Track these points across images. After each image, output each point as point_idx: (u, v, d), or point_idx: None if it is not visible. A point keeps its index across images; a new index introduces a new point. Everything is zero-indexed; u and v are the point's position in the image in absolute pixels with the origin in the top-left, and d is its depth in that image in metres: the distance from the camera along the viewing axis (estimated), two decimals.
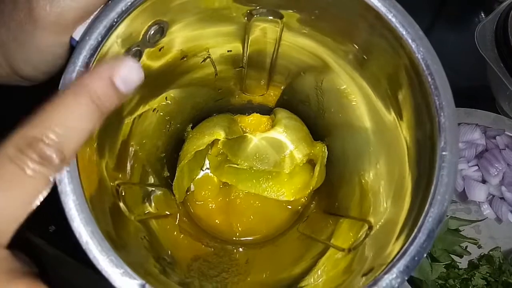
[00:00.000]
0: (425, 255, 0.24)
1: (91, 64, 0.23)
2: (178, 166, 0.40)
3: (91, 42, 0.23)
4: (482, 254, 0.55)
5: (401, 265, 0.23)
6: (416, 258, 0.23)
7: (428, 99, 0.24)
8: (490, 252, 0.55)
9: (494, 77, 0.55)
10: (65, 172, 0.21)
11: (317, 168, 0.41)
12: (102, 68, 0.20)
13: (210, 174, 0.46)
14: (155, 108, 0.34)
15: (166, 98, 0.35)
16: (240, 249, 0.41)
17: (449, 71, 0.67)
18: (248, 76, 0.37)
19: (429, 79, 0.24)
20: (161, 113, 0.35)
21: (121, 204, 0.27)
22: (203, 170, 0.46)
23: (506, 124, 0.56)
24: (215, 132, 0.41)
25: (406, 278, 0.23)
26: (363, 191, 0.33)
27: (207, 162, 0.46)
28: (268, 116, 0.46)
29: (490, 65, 0.53)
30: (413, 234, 0.24)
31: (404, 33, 0.24)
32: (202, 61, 0.34)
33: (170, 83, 0.33)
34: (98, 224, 0.22)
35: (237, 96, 0.42)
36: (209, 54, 0.33)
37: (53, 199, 0.21)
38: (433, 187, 0.24)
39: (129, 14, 0.23)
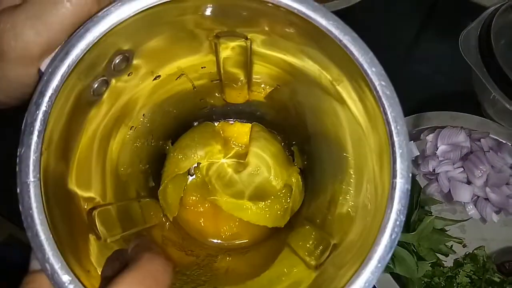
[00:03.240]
0: (375, 281, 0.23)
1: (53, 102, 0.23)
2: (160, 190, 0.41)
3: (53, 82, 0.23)
4: (467, 253, 0.55)
5: None
6: (366, 285, 0.23)
7: (382, 124, 0.24)
8: (475, 251, 0.55)
9: (478, 82, 0.55)
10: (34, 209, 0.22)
11: (290, 203, 0.42)
12: None
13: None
14: (132, 126, 0.34)
15: (143, 115, 0.35)
16: (222, 256, 0.41)
17: (437, 76, 0.67)
18: (227, 87, 0.37)
19: (384, 105, 0.24)
20: (140, 129, 0.35)
21: (95, 229, 0.28)
22: (191, 176, 0.46)
23: (490, 128, 0.56)
24: (196, 157, 0.42)
25: None
26: (335, 205, 0.33)
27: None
28: (249, 125, 0.46)
29: (474, 70, 0.52)
30: (365, 260, 0.23)
31: (359, 59, 0.24)
32: (177, 78, 0.34)
33: (145, 101, 0.33)
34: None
35: (221, 103, 0.42)
36: (183, 72, 0.33)
37: None
38: (385, 214, 0.23)
39: (90, 49, 0.23)
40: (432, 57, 0.63)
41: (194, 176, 0.46)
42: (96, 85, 0.26)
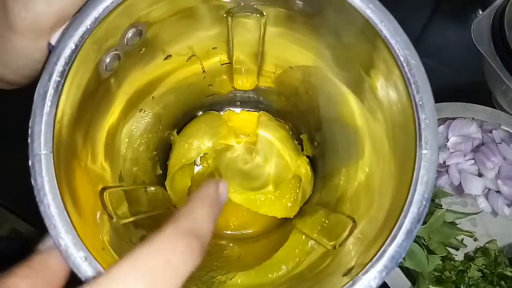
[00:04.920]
0: (403, 255, 0.22)
1: (66, 72, 0.22)
2: (167, 180, 0.40)
3: (66, 51, 0.22)
4: (478, 246, 0.54)
5: (379, 265, 0.22)
6: (394, 259, 0.22)
7: (408, 96, 0.23)
8: (486, 245, 0.53)
9: (490, 71, 0.53)
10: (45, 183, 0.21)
11: (299, 194, 0.41)
12: None
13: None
14: (142, 108, 0.33)
15: (152, 97, 0.33)
16: (233, 245, 0.39)
17: (447, 66, 0.65)
18: (237, 71, 0.36)
19: (408, 75, 0.22)
20: (150, 113, 0.34)
21: (106, 208, 0.26)
22: (197, 166, 0.44)
23: (502, 119, 0.54)
24: (204, 147, 0.41)
25: (384, 279, 0.22)
26: (351, 186, 0.32)
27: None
28: (257, 114, 0.44)
29: (487, 59, 0.51)
30: (392, 234, 0.22)
31: (382, 29, 0.23)
32: (188, 59, 0.32)
33: (155, 83, 0.32)
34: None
35: (228, 90, 0.40)
36: (194, 52, 0.32)
37: None
38: (412, 186, 0.22)
39: (104, 20, 0.22)
40: (442, 47, 0.62)
41: (200, 166, 0.44)
42: (108, 60, 0.25)
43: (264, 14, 0.28)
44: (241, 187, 0.42)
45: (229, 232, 0.43)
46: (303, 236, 0.34)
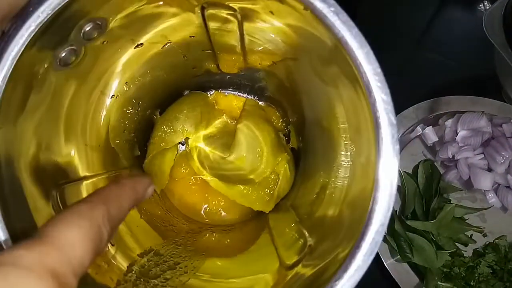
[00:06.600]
0: None
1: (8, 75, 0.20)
2: (145, 162, 0.39)
3: (7, 53, 0.20)
4: (487, 242, 0.52)
5: None
6: None
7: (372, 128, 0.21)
8: (496, 241, 0.52)
9: (501, 63, 0.51)
10: None
11: (276, 190, 0.40)
12: None
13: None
14: (114, 95, 0.32)
15: (126, 83, 0.32)
16: (206, 232, 0.38)
17: (455, 59, 0.63)
18: (221, 58, 0.35)
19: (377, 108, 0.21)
20: (124, 98, 0.33)
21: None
22: (182, 145, 0.43)
23: None
24: (184, 131, 0.40)
25: None
26: (320, 200, 0.30)
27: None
28: (244, 100, 0.43)
29: (498, 51, 0.49)
30: (342, 268, 0.21)
31: (345, 37, 0.21)
32: (163, 46, 0.31)
33: (127, 69, 0.31)
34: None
35: (216, 71, 0.39)
36: (169, 40, 0.30)
37: None
38: (364, 227, 0.21)
39: (55, 15, 0.21)
40: (449, 40, 0.60)
41: (184, 147, 0.43)
42: (63, 55, 0.24)
43: (237, 10, 0.27)
44: (219, 176, 0.41)
45: (205, 216, 0.42)
46: (269, 244, 0.33)
